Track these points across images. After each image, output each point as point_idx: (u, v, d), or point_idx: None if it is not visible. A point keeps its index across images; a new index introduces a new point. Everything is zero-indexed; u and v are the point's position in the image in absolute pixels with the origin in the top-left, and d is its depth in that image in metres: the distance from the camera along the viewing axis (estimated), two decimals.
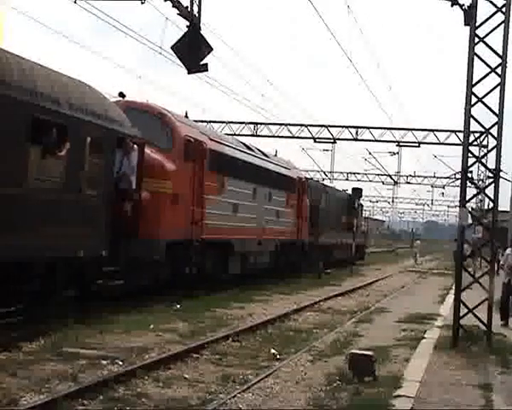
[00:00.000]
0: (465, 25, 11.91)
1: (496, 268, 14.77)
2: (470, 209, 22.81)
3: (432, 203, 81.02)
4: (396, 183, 52.23)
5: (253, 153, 23.13)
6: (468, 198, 12.86)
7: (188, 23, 12.12)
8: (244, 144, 22.95)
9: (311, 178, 38.32)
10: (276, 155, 27.40)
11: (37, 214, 11.08)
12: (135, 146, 14.22)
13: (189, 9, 12.00)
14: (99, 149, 12.95)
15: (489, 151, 14.16)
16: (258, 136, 37.48)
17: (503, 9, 11.76)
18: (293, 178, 27.36)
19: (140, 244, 14.19)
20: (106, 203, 13.09)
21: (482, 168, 21.88)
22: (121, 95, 16.79)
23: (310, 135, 37.50)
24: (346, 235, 37.75)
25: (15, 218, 10.58)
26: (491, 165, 12.50)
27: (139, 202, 14.24)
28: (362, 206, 50.49)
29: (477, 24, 11.88)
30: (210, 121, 36.23)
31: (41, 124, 11.10)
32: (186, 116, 19.37)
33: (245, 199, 21.16)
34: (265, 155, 24.73)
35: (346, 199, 40.56)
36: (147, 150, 14.84)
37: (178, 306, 15.29)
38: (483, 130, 12.71)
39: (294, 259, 27.77)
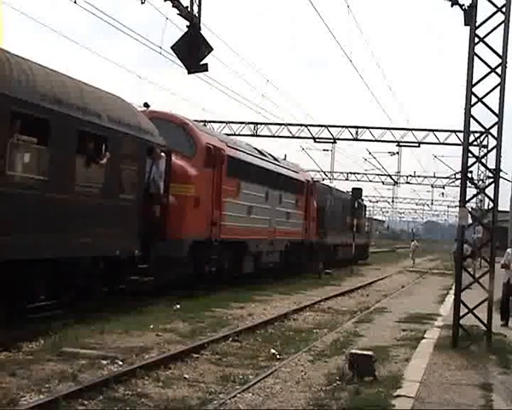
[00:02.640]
0: (465, 25, 11.90)
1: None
2: (470, 209, 22.84)
3: (432, 203, 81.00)
4: (396, 183, 52.12)
5: (266, 158, 24.42)
6: (468, 198, 12.87)
7: (188, 23, 12.12)
8: (257, 149, 24.21)
9: (312, 178, 38.60)
10: (285, 159, 28.63)
11: (82, 217, 12.40)
12: (162, 154, 15.50)
13: (189, 9, 11.99)
14: (133, 158, 14.38)
15: (489, 151, 14.14)
16: (258, 136, 37.38)
17: (503, 9, 11.75)
18: (302, 180, 28.80)
19: (167, 244, 15.39)
20: (138, 207, 14.44)
21: (482, 168, 21.88)
22: (146, 105, 17.76)
23: (310, 135, 37.42)
24: (350, 235, 38.65)
25: (67, 220, 11.90)
26: (491, 165, 12.50)
27: (167, 206, 15.54)
28: (365, 207, 51.37)
29: (477, 24, 11.87)
30: (210, 121, 36.15)
31: (85, 136, 12.48)
32: (204, 124, 20.99)
33: (258, 202, 22.50)
34: (276, 160, 26.09)
35: (350, 200, 41.06)
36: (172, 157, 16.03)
37: (178, 306, 15.29)
38: (483, 130, 12.70)
39: (303, 258, 28.88)
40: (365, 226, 49.25)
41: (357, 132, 36.76)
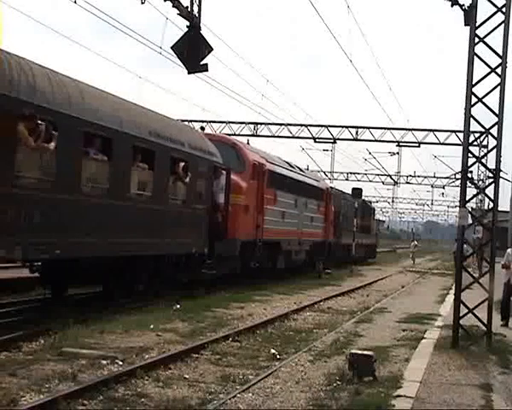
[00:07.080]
0: (465, 25, 11.90)
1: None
2: (470, 209, 22.85)
3: (432, 203, 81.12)
4: (396, 183, 52.14)
5: (294, 170, 28.21)
6: (468, 198, 12.85)
7: (188, 23, 12.11)
8: (287, 162, 27.76)
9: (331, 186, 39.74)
10: (307, 169, 32.25)
11: (173, 222, 16.11)
12: (223, 171, 19.15)
13: (189, 9, 11.99)
14: (204, 175, 17.98)
15: (489, 151, 14.14)
16: (258, 136, 37.35)
17: (503, 9, 11.75)
18: (322, 188, 33.05)
19: (224, 244, 19.02)
20: (207, 214, 18.12)
21: (482, 168, 21.91)
22: (202, 128, 20.99)
23: (310, 135, 37.42)
24: (361, 235, 42.49)
25: (163, 225, 15.56)
26: (491, 165, 12.49)
27: (226, 213, 19.17)
28: (374, 209, 52.81)
29: (477, 24, 11.87)
30: (210, 121, 36.13)
31: (175, 160, 16.11)
32: (248, 143, 24.79)
33: (289, 207, 26.26)
34: (302, 171, 30.19)
35: (361, 203, 43.91)
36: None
37: (178, 306, 15.29)
38: (483, 130, 12.70)
39: (323, 256, 32.12)
40: (374, 228, 52.01)
41: (357, 132, 36.76)
